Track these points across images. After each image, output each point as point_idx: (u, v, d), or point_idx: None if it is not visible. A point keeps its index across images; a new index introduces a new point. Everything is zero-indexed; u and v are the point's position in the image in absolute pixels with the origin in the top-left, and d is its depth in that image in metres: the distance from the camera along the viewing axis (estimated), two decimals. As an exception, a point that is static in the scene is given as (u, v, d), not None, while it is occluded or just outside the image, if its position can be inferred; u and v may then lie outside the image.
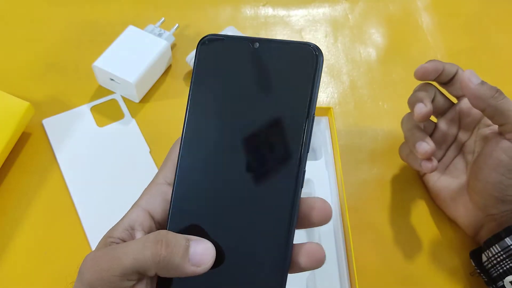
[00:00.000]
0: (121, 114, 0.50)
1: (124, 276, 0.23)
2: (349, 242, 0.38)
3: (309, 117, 0.24)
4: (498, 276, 0.37)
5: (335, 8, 0.61)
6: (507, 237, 0.37)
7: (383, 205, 0.45)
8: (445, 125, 0.44)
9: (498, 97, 0.37)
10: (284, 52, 0.24)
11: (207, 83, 0.25)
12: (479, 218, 0.41)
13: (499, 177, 0.37)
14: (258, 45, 0.25)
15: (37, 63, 0.53)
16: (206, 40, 0.26)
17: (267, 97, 0.24)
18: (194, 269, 0.23)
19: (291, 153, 0.24)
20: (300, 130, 0.24)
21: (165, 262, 0.23)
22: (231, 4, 0.60)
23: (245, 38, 0.25)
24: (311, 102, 0.24)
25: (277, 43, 0.25)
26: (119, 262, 0.23)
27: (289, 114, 0.24)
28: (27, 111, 0.45)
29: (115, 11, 0.58)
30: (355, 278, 0.36)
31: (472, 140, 0.43)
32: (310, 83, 0.24)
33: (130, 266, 0.23)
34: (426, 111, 0.39)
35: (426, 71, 0.41)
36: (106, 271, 0.23)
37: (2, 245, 0.41)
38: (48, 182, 0.45)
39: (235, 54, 0.25)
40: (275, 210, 0.24)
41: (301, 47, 0.24)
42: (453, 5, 0.62)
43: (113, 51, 0.49)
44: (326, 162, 0.43)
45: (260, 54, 0.25)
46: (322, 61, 0.24)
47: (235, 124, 0.25)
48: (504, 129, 0.37)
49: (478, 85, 0.37)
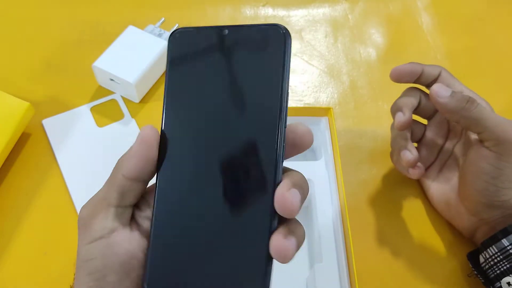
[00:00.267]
0: (121, 114, 0.50)
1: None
2: (349, 242, 0.38)
3: (283, 92, 0.23)
4: (495, 277, 0.37)
5: (335, 8, 0.61)
6: (504, 238, 0.37)
7: (383, 205, 0.45)
8: (435, 128, 0.43)
9: (469, 108, 0.36)
10: (253, 36, 0.24)
11: (180, 74, 0.26)
12: (473, 221, 0.41)
13: (483, 184, 0.37)
14: (227, 32, 0.25)
15: (37, 63, 0.53)
16: (176, 33, 0.26)
17: (240, 81, 0.24)
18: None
19: (267, 148, 0.23)
20: (275, 116, 0.23)
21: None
22: (231, 4, 0.60)
23: (214, 27, 0.25)
24: (283, 79, 0.23)
25: (245, 28, 0.25)
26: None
27: (263, 94, 0.24)
28: (27, 111, 0.45)
29: (115, 11, 0.58)
30: (355, 278, 0.36)
31: (461, 142, 0.43)
32: (281, 61, 0.24)
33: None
34: (404, 121, 0.39)
35: (400, 73, 0.41)
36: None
37: (2, 245, 0.41)
38: (48, 182, 0.45)
39: (205, 43, 0.25)
40: (255, 206, 0.23)
41: (268, 29, 0.24)
42: (453, 5, 0.62)
43: (113, 51, 0.49)
44: (326, 162, 0.43)
45: (229, 41, 0.25)
46: (290, 39, 0.24)
47: (211, 112, 0.25)
48: (482, 137, 0.37)
49: (447, 98, 0.36)
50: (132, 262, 0.25)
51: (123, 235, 0.25)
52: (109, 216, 0.25)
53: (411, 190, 0.46)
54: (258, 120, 0.24)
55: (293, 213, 0.23)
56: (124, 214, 0.26)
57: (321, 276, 0.38)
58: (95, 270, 0.24)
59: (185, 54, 0.26)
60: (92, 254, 0.24)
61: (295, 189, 0.23)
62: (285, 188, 0.23)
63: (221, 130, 0.24)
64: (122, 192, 0.25)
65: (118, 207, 0.25)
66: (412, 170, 0.42)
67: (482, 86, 0.54)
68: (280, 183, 0.23)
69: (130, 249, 0.25)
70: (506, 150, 0.36)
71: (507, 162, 0.36)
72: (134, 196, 0.26)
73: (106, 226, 0.25)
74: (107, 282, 0.24)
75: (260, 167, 0.23)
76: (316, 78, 0.55)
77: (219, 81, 0.25)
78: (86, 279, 0.24)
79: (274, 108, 0.23)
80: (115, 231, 0.25)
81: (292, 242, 0.23)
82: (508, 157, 0.36)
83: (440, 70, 0.41)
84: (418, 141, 0.45)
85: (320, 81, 0.55)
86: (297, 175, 0.24)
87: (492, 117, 0.36)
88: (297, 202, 0.23)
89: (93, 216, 0.25)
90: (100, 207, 0.25)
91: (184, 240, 0.24)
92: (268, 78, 0.24)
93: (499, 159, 0.36)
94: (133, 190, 0.25)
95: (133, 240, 0.25)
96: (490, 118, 0.36)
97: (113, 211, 0.25)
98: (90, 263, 0.24)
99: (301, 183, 0.24)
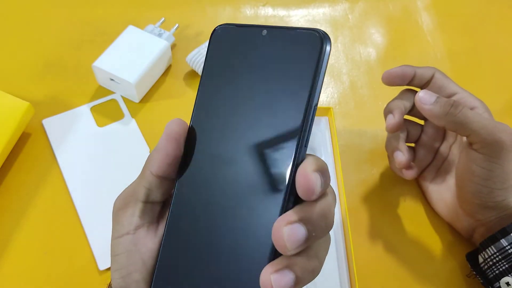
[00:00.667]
0: (121, 114, 0.50)
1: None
2: (349, 242, 0.38)
3: (309, 107, 0.22)
4: (494, 277, 0.37)
5: (335, 8, 0.61)
6: (503, 238, 0.37)
7: (383, 205, 0.45)
8: (431, 129, 0.43)
9: (453, 112, 0.36)
10: (290, 40, 0.24)
11: (215, 72, 0.25)
12: (470, 222, 0.41)
13: (476, 186, 0.37)
14: (265, 33, 0.24)
15: (37, 63, 0.53)
16: (218, 29, 0.26)
17: (271, 86, 0.24)
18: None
19: (285, 154, 0.23)
20: (298, 125, 0.22)
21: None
22: (231, 4, 0.60)
23: (254, 26, 0.25)
24: (312, 91, 0.22)
25: (283, 30, 0.24)
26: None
27: (290, 105, 0.23)
28: (27, 111, 0.45)
29: (115, 11, 0.58)
30: (355, 278, 0.36)
31: (458, 143, 0.43)
32: (312, 70, 0.22)
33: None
34: (393, 123, 0.39)
35: (390, 75, 0.41)
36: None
37: (2, 245, 0.41)
38: (48, 182, 0.45)
39: (242, 43, 0.25)
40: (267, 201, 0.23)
41: (307, 34, 0.23)
42: (453, 5, 0.62)
43: (113, 51, 0.49)
44: (326, 162, 0.43)
45: (266, 43, 0.24)
46: (328, 47, 0.23)
47: (238, 113, 0.24)
48: (469, 140, 0.37)
49: (431, 105, 0.36)
50: (154, 262, 0.25)
51: (148, 232, 0.25)
52: (136, 212, 0.25)
53: (411, 190, 0.46)
54: (284, 118, 0.23)
55: (313, 194, 0.21)
56: (151, 211, 0.25)
57: (321, 276, 0.38)
58: (121, 266, 0.24)
59: (222, 52, 0.25)
60: (119, 250, 0.25)
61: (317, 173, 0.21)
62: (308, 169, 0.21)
63: (244, 133, 0.24)
64: (150, 188, 0.25)
65: (146, 203, 0.25)
66: (405, 171, 0.42)
67: (482, 86, 0.54)
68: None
69: (154, 248, 0.25)
70: (494, 151, 0.36)
71: (496, 163, 0.36)
72: (162, 193, 0.25)
73: (132, 222, 0.25)
74: (132, 280, 0.24)
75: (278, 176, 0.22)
76: (316, 78, 0.55)
77: (250, 83, 0.24)
78: (114, 274, 0.24)
79: (295, 127, 0.23)
80: (141, 227, 0.25)
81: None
82: (497, 158, 0.36)
83: (433, 72, 0.41)
84: (415, 142, 0.45)
85: (320, 81, 0.55)
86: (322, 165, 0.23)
87: (477, 120, 0.36)
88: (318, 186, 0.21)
89: (124, 210, 0.25)
90: (129, 201, 0.25)
91: (196, 245, 0.24)
92: (297, 88, 0.23)
93: (488, 160, 0.36)
94: (161, 187, 0.25)
95: (157, 238, 0.25)
96: (475, 121, 0.36)
97: (140, 207, 0.25)
98: (117, 258, 0.24)
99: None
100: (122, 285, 0.24)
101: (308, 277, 0.22)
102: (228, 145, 0.24)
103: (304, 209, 0.21)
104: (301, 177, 0.21)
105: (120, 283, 0.24)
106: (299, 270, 0.21)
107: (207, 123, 0.25)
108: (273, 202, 0.22)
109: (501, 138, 0.35)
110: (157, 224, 0.26)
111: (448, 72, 0.45)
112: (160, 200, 0.26)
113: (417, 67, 0.41)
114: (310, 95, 0.22)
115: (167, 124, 0.25)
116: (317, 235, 0.21)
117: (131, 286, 0.24)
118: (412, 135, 0.44)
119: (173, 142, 0.24)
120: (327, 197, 0.22)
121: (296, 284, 0.21)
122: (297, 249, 0.21)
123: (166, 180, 0.25)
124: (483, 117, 0.36)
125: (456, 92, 0.41)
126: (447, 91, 0.41)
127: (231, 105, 0.25)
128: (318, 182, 0.21)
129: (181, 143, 0.25)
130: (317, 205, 0.22)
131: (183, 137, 0.25)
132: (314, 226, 0.21)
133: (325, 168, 0.22)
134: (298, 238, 0.20)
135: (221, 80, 0.25)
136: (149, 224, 0.25)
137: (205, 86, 0.26)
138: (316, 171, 0.21)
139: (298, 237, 0.20)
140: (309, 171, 0.21)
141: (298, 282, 0.21)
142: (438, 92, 0.41)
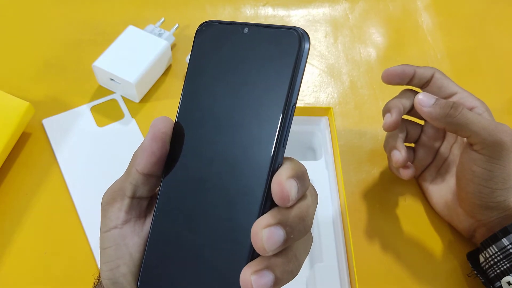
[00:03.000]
0: (121, 114, 0.50)
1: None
2: (349, 242, 0.38)
3: (287, 107, 0.22)
4: (495, 277, 0.37)
5: (335, 8, 0.61)
6: (504, 237, 0.37)
7: (383, 205, 0.45)
8: (431, 129, 0.43)
9: (453, 114, 0.36)
10: (270, 38, 0.24)
11: (198, 69, 0.25)
12: (471, 222, 0.41)
13: (477, 187, 0.37)
14: (247, 31, 0.24)
15: (37, 63, 0.53)
16: (203, 26, 0.26)
17: (250, 85, 0.24)
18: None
19: (264, 148, 0.23)
20: (276, 125, 0.22)
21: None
22: (231, 4, 0.60)
23: (236, 24, 0.25)
24: (290, 90, 0.22)
25: (264, 28, 0.24)
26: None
27: (269, 104, 0.23)
28: (27, 111, 0.45)
29: (115, 11, 0.58)
30: (355, 278, 0.36)
31: (458, 143, 0.43)
32: (291, 69, 0.22)
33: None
34: (390, 122, 0.39)
35: (390, 74, 0.41)
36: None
37: (2, 245, 0.41)
38: (48, 182, 0.45)
39: (225, 41, 0.25)
40: (244, 207, 0.23)
41: (286, 32, 0.23)
42: (453, 5, 0.62)
43: (113, 51, 0.49)
44: (326, 162, 0.43)
45: (247, 40, 0.24)
46: (306, 46, 0.23)
47: (219, 110, 0.24)
48: (470, 141, 0.37)
49: (430, 107, 0.36)
50: (141, 256, 0.25)
51: (135, 227, 0.26)
52: (124, 207, 0.25)
53: (411, 190, 0.46)
54: (262, 118, 0.23)
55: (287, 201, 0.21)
56: (138, 206, 0.26)
57: (321, 276, 0.38)
58: (109, 259, 0.25)
59: (206, 50, 0.25)
60: (108, 243, 0.25)
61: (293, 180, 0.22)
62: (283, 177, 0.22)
63: (224, 132, 0.24)
64: (136, 185, 0.25)
65: (133, 198, 0.26)
66: (402, 170, 0.42)
67: (482, 86, 0.54)
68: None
69: (140, 242, 0.25)
70: (495, 152, 0.36)
71: (497, 163, 0.36)
72: (148, 190, 0.26)
73: (119, 217, 0.25)
74: (120, 273, 0.25)
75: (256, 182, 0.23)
76: (316, 78, 0.55)
77: (231, 81, 0.24)
78: (103, 267, 0.25)
79: (273, 123, 0.23)
80: (128, 222, 0.25)
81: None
82: (498, 159, 0.36)
83: (433, 72, 0.41)
84: (415, 142, 0.45)
85: (320, 81, 0.55)
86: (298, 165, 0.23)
87: (477, 120, 0.36)
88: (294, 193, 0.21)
89: (111, 205, 0.26)
90: (117, 196, 0.26)
91: (180, 242, 0.24)
92: (276, 87, 0.23)
93: (489, 161, 0.36)
94: (147, 184, 0.25)
95: (144, 233, 0.26)
96: (475, 122, 0.36)
97: (127, 202, 0.25)
98: (105, 251, 0.25)
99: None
100: (110, 277, 0.25)
101: (287, 277, 0.22)
102: (210, 145, 0.24)
103: (282, 211, 0.22)
104: (276, 185, 0.21)
105: (108, 275, 0.25)
106: (278, 270, 0.21)
107: (191, 122, 0.25)
108: (252, 203, 0.22)
109: (501, 138, 0.35)
110: (144, 219, 0.26)
111: (448, 72, 0.45)
112: (147, 195, 0.26)
113: (417, 67, 0.41)
114: (288, 94, 0.22)
115: (152, 122, 0.25)
116: (295, 237, 0.22)
117: (119, 278, 0.25)
118: (412, 135, 0.44)
119: (159, 141, 0.25)
120: (306, 199, 0.23)
121: (275, 284, 0.21)
122: (276, 250, 0.21)
123: (152, 177, 0.25)
124: (483, 118, 0.36)
125: (456, 92, 0.41)
126: (447, 91, 0.41)
127: (212, 104, 0.25)
128: (293, 189, 0.22)
129: (166, 141, 0.25)
130: (295, 208, 0.22)
131: (168, 135, 0.25)
132: (292, 228, 0.21)
133: (301, 173, 0.22)
134: (276, 240, 0.21)
135: (204, 78, 0.25)
136: (136, 219, 0.26)
137: (189, 84, 0.26)
138: (291, 177, 0.22)
139: (276, 239, 0.21)
140: (284, 179, 0.21)
141: (277, 282, 0.21)
142: (438, 92, 0.41)
